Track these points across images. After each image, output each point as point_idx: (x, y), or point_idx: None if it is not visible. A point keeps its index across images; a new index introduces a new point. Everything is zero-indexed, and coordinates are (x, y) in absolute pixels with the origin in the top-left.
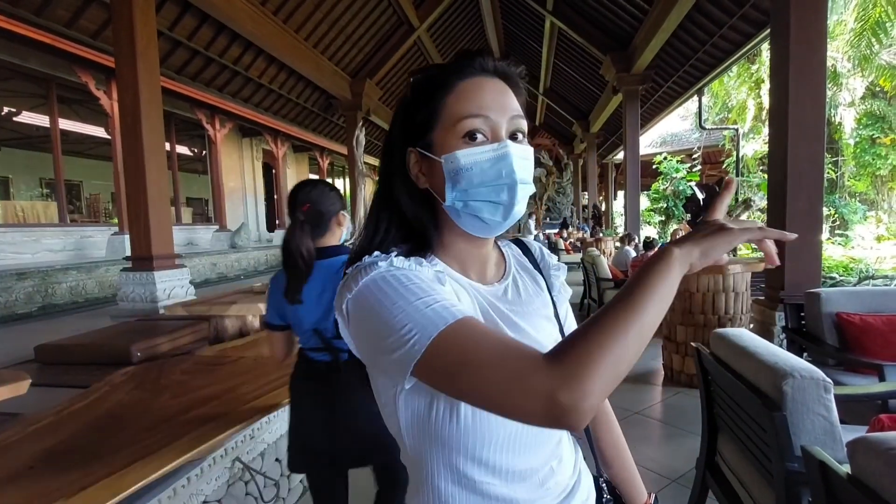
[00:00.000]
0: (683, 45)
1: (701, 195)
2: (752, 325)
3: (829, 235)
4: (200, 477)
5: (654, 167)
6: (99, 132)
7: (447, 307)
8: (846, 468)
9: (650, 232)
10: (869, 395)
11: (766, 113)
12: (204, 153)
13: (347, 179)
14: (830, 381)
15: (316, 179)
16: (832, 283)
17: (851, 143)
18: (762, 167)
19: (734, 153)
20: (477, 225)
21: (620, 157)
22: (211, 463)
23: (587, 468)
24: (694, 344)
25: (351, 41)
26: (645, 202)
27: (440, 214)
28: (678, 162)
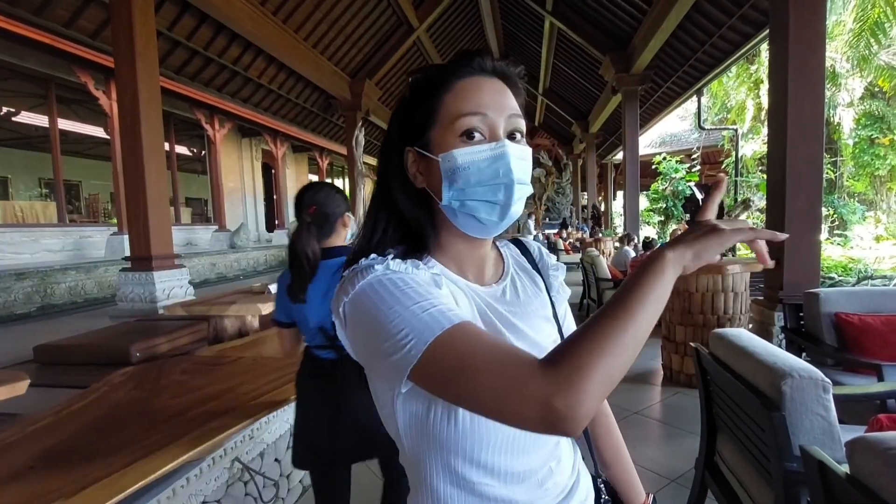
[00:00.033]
0: (682, 45)
1: (700, 195)
2: (750, 325)
3: (827, 235)
4: (200, 477)
5: (653, 167)
6: (98, 132)
7: (443, 312)
8: (845, 468)
9: (649, 232)
10: (867, 395)
11: (765, 113)
12: (203, 153)
13: (347, 179)
14: (829, 381)
15: (322, 182)
16: (831, 283)
17: (850, 143)
18: (761, 167)
19: (733, 153)
20: (473, 225)
21: (620, 157)
22: (210, 463)
23: (586, 468)
24: (693, 344)
25: (350, 41)
26: (644, 202)
27: (437, 214)
28: (677, 162)
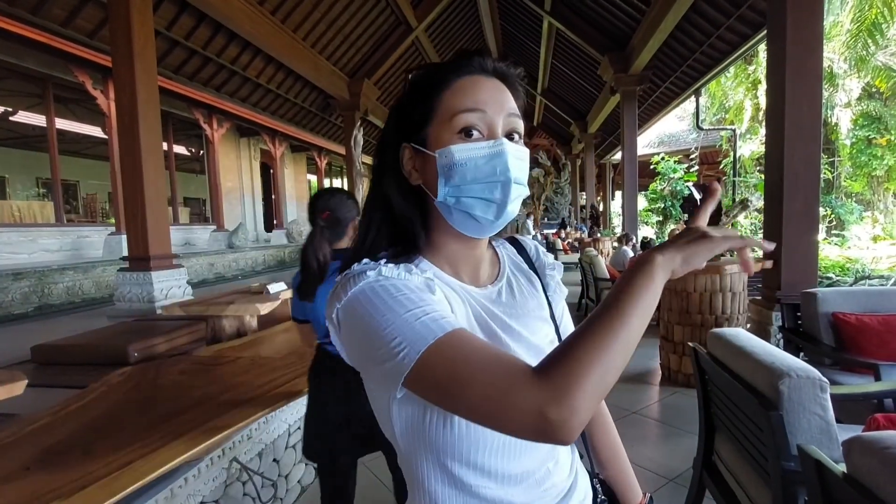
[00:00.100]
0: (681, 45)
1: (698, 195)
2: (748, 324)
3: (825, 236)
4: (198, 477)
5: (651, 167)
6: (96, 132)
7: (436, 319)
8: (842, 467)
9: (648, 232)
10: (865, 394)
11: (762, 114)
12: (201, 153)
13: (345, 179)
14: (826, 380)
15: (334, 188)
16: (828, 283)
17: (848, 143)
18: (759, 168)
19: (731, 154)
20: (469, 223)
21: (618, 157)
22: (208, 463)
23: (584, 468)
24: (691, 344)
25: (349, 41)
26: (642, 202)
27: (432, 213)
28: (675, 162)
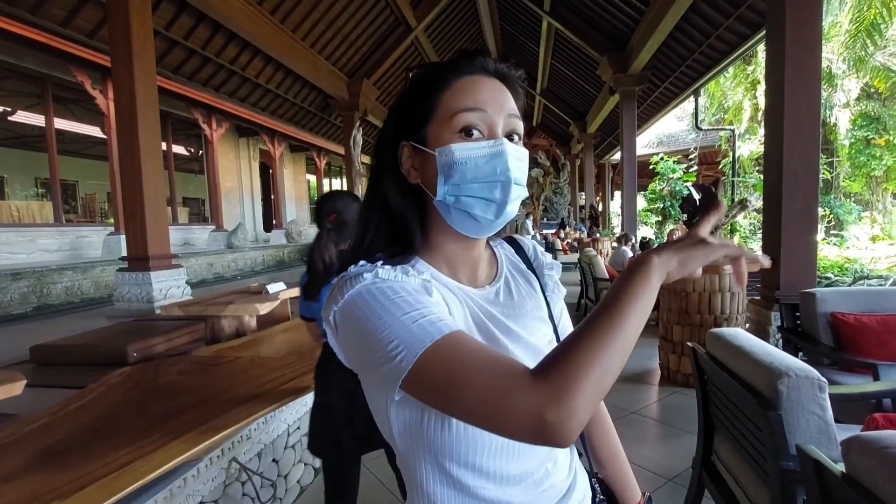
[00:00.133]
0: (680, 46)
1: (697, 195)
2: (747, 324)
3: (824, 236)
4: (197, 477)
5: (650, 168)
6: (95, 132)
7: (433, 322)
8: (840, 467)
9: (647, 232)
10: (863, 394)
11: (761, 114)
12: (200, 153)
13: (345, 179)
14: (825, 380)
15: (340, 191)
16: (827, 283)
17: (846, 143)
18: (758, 168)
19: (730, 154)
20: (468, 223)
21: (617, 157)
22: (207, 463)
23: (583, 468)
24: (690, 344)
25: (348, 41)
26: (642, 202)
27: (430, 212)
28: (675, 162)
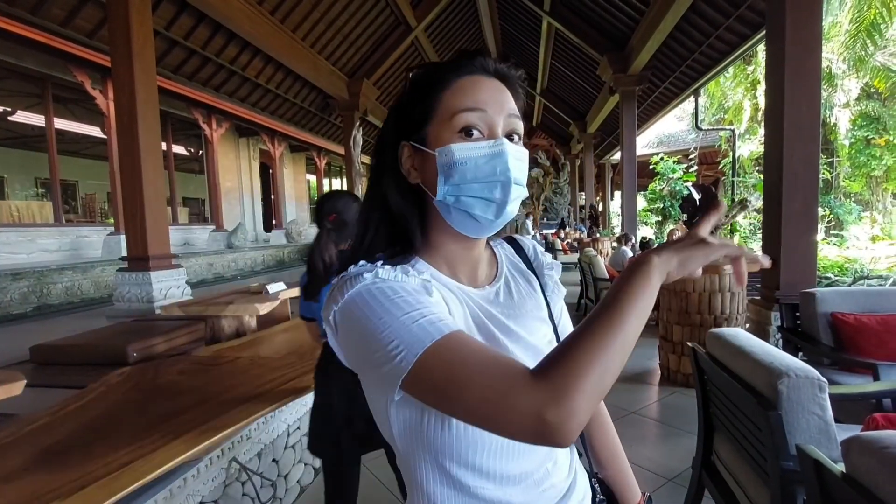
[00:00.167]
0: (680, 46)
1: (697, 195)
2: (747, 324)
3: (824, 236)
4: (197, 477)
5: (650, 168)
6: (95, 132)
7: (433, 322)
8: (840, 467)
9: (647, 232)
10: (863, 394)
11: (761, 114)
12: (200, 153)
13: (345, 179)
14: (825, 380)
15: (340, 191)
16: (827, 283)
17: (846, 143)
18: (758, 168)
19: (730, 154)
20: (468, 223)
21: (617, 157)
22: (207, 464)
23: (583, 468)
24: (690, 344)
25: (348, 41)
26: (641, 202)
27: (430, 212)
28: (675, 162)
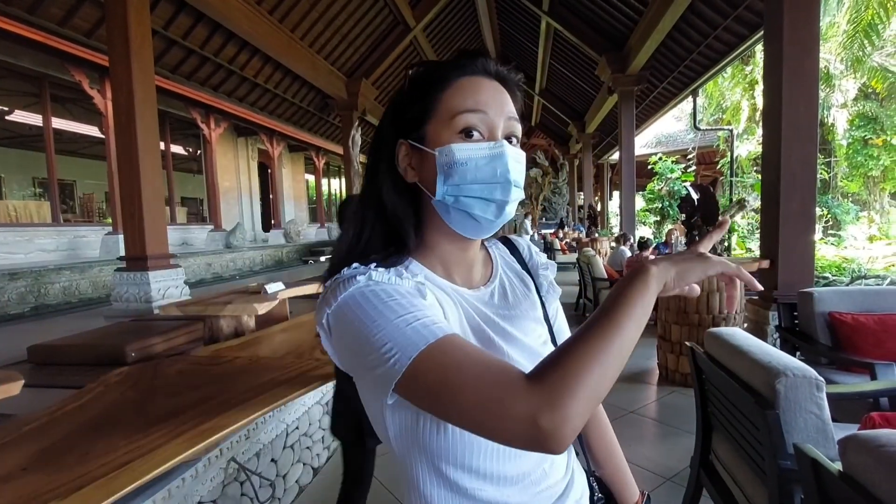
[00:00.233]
0: (678, 46)
1: (695, 195)
2: (745, 324)
3: (821, 235)
4: (195, 478)
5: (649, 167)
6: (93, 131)
7: (427, 325)
8: (838, 465)
9: (645, 232)
10: (860, 393)
11: (759, 114)
12: (199, 152)
13: (343, 179)
14: (823, 379)
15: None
16: (825, 282)
17: (844, 144)
18: (756, 168)
19: (728, 154)
20: (468, 223)
21: (616, 157)
22: (206, 464)
23: (580, 467)
24: (688, 343)
25: (347, 41)
26: (640, 202)
27: (427, 211)
28: (673, 162)
